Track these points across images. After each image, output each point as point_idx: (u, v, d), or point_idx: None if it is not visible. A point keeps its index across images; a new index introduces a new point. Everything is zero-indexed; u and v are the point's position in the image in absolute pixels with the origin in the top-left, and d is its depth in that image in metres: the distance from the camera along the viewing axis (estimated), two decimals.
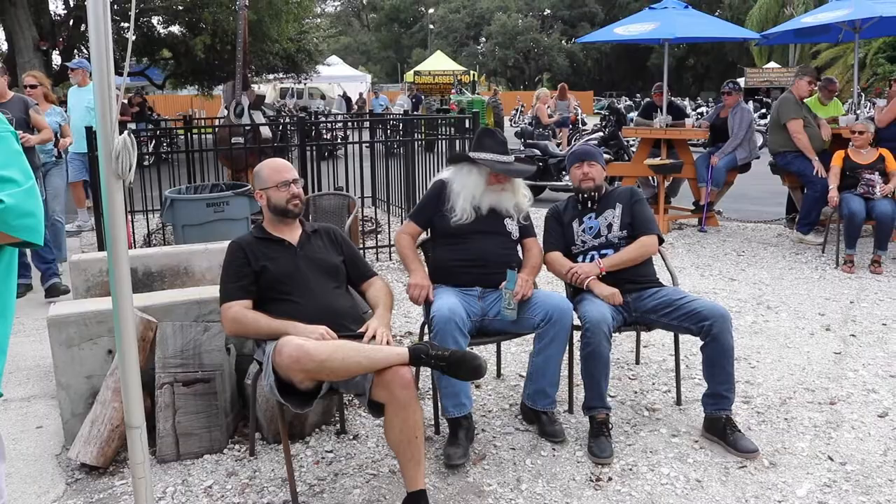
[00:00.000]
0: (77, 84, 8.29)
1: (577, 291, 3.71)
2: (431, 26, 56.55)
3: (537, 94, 13.02)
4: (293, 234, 3.24)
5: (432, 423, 3.55)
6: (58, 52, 18.67)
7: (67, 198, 9.32)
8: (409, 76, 33.45)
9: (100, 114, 2.12)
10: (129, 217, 6.24)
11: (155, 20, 20.23)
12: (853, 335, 4.85)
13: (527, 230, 3.76)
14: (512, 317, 3.39)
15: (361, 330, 3.01)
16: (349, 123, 12.88)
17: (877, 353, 4.52)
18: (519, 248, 3.75)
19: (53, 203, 6.55)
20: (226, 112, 8.56)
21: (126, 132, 2.16)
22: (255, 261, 3.09)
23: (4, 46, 19.72)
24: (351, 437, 3.53)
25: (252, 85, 10.24)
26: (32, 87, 7.16)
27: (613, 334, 3.45)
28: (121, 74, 3.77)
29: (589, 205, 3.82)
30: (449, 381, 3.28)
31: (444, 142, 7.68)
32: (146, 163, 8.59)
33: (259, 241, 3.18)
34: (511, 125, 27.59)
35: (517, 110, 30.64)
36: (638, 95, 33.41)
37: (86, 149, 6.61)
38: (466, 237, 3.59)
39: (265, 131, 8.08)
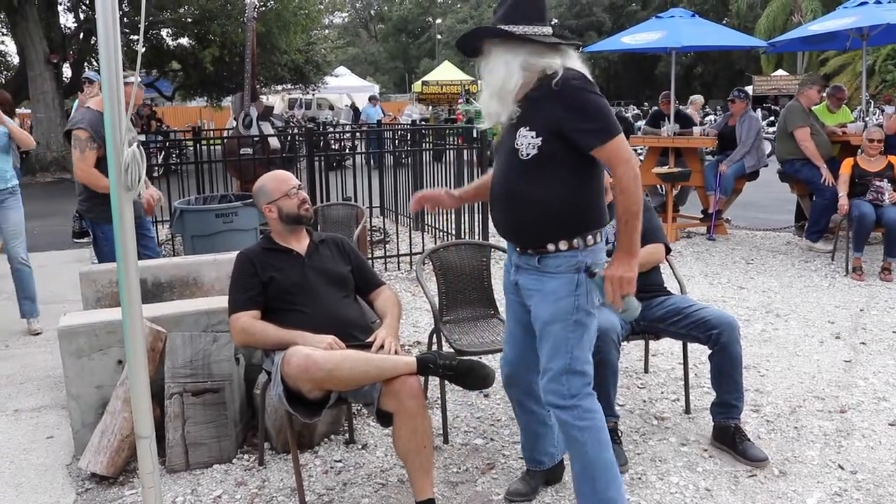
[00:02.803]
0: (90, 96, 8.31)
1: None
2: (439, 36, 56.71)
3: (692, 100, 13.16)
4: (301, 244, 3.26)
5: (441, 432, 3.55)
6: (68, 65, 18.81)
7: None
8: (416, 86, 33.55)
9: (110, 126, 2.14)
10: None
11: (164, 32, 20.38)
12: (863, 343, 4.83)
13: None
14: (631, 317, 2.55)
15: (369, 339, 3.02)
16: (357, 134, 12.92)
17: (887, 361, 4.50)
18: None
19: (14, 243, 5.36)
20: (234, 123, 8.61)
21: (135, 144, 2.18)
22: (263, 271, 3.11)
23: (16, 60, 19.89)
24: (360, 446, 3.53)
25: (260, 96, 10.31)
26: None
27: (622, 343, 3.44)
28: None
29: None
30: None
31: (451, 152, 7.69)
32: (156, 174, 8.64)
33: (267, 251, 3.20)
34: None
35: None
36: (646, 104, 33.40)
37: None
38: (496, 155, 2.76)
39: (273, 142, 8.13)
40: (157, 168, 9.36)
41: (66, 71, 19.02)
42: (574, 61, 2.52)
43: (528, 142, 2.48)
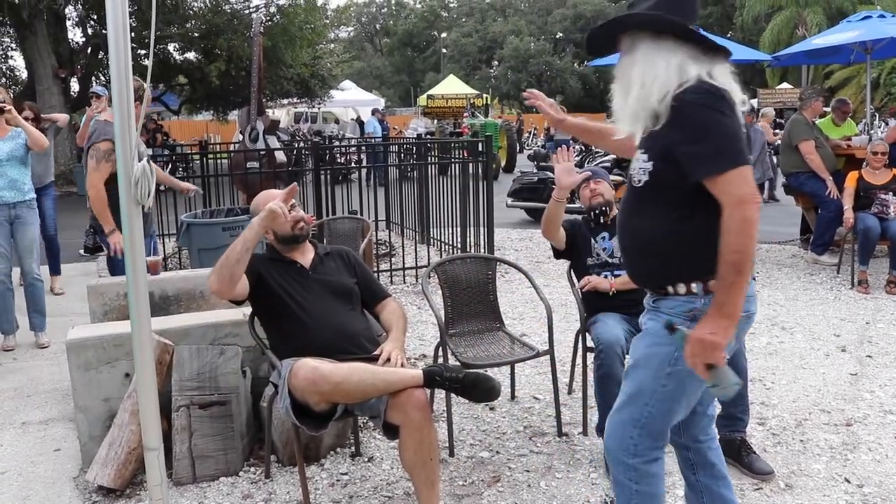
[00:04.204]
0: (98, 112, 8.32)
1: (590, 313, 3.72)
2: (444, 50, 56.93)
3: (763, 114, 12.96)
4: (305, 257, 3.28)
5: (447, 445, 3.56)
6: (76, 80, 18.94)
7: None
8: (422, 100, 33.63)
9: (120, 141, 2.16)
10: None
11: (171, 47, 20.51)
12: (869, 356, 4.82)
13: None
14: (724, 395, 2.15)
15: (376, 352, 3.04)
16: (363, 147, 12.97)
17: (893, 374, 4.49)
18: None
19: (29, 259, 5.30)
20: (241, 137, 8.66)
21: (145, 158, 2.21)
22: (267, 273, 3.13)
23: (24, 74, 20.04)
24: (366, 459, 3.54)
25: (266, 110, 10.37)
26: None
27: (626, 356, 3.45)
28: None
29: (601, 221, 3.82)
30: None
31: (457, 165, 7.73)
32: (162, 188, 8.68)
33: (272, 261, 3.23)
34: (527, 148, 27.79)
35: (530, 133, 30.90)
36: None
37: None
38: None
39: (280, 156, 8.16)
40: None
41: (74, 85, 19.15)
42: (722, 73, 2.13)
43: (639, 166, 2.17)
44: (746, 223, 1.99)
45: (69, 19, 19.30)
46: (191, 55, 20.85)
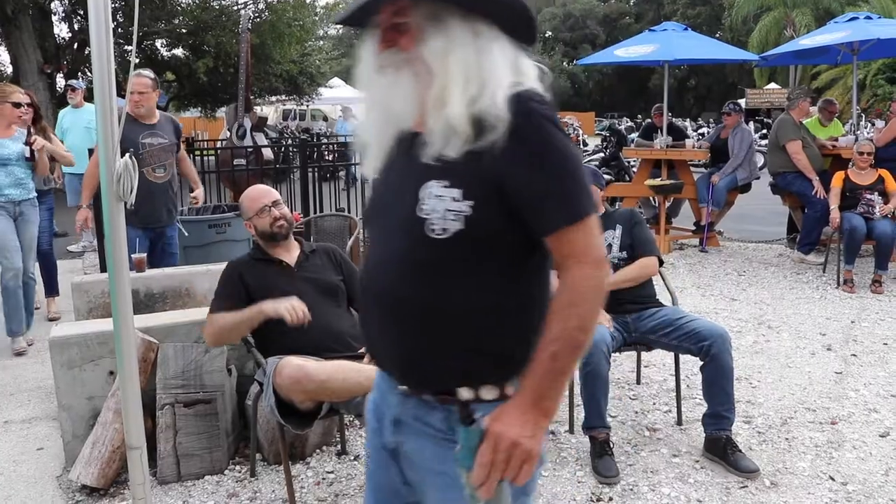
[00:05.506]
0: (73, 105, 8.24)
1: None
2: None
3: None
4: (290, 254, 3.27)
5: None
6: (62, 75, 18.80)
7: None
8: None
9: (102, 136, 2.14)
10: None
11: (158, 43, 20.39)
12: (854, 355, 4.85)
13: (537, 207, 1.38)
14: None
15: (362, 350, 3.03)
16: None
17: (878, 373, 4.52)
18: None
19: (26, 256, 5.23)
20: (228, 134, 8.63)
21: (127, 154, 2.19)
22: (252, 280, 3.13)
23: (9, 69, 19.90)
24: (352, 457, 3.53)
25: (254, 107, 10.33)
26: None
27: (614, 354, 3.46)
28: (123, 97, 3.80)
29: None
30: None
31: None
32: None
33: (256, 261, 3.22)
34: None
35: None
36: (639, 116, 33.52)
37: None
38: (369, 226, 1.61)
39: (267, 153, 8.14)
40: None
41: (60, 81, 19.00)
42: (531, 79, 1.45)
43: (445, 207, 1.37)
44: (602, 291, 1.39)
45: (55, 14, 19.14)
46: (178, 51, 20.72)
